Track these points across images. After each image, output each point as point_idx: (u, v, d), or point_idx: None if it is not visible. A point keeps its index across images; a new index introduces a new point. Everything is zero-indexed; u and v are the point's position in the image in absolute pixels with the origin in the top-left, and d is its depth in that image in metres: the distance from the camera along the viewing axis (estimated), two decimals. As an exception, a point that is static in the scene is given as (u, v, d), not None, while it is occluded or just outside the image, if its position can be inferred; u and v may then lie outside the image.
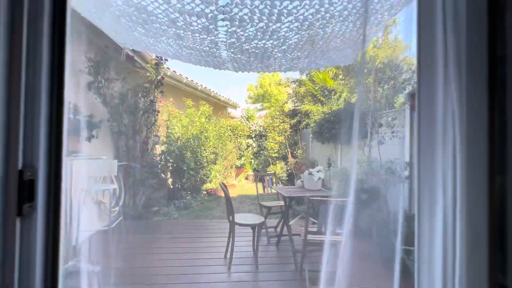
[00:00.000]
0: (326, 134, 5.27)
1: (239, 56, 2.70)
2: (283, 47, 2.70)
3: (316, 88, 7.72)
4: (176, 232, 4.04)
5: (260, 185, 4.26)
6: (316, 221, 3.36)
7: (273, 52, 2.71)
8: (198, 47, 2.92)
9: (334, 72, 7.48)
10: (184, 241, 3.69)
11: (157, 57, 4.14)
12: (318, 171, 3.27)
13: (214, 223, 4.52)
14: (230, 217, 2.95)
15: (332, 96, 7.27)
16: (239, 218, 3.05)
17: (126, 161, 4.49)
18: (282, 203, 3.84)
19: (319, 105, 7.58)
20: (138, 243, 3.53)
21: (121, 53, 3.74)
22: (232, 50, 2.72)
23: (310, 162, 6.17)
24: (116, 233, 3.65)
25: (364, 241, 3.23)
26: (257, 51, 2.68)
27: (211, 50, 2.80)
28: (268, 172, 8.41)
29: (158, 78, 4.41)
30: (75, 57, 3.27)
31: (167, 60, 4.23)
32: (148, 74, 4.54)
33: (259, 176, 4.25)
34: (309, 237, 2.41)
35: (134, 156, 4.56)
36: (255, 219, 3.06)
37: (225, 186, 3.07)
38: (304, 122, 7.47)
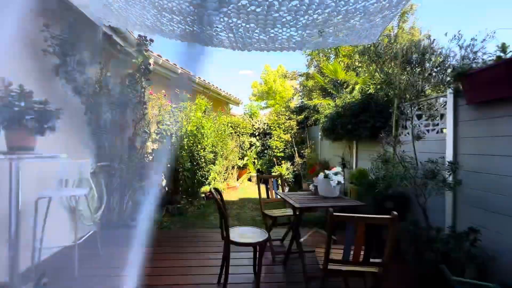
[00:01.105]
0: (340, 130, 4.57)
1: (235, 22, 2.04)
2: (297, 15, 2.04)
3: (326, 81, 7.02)
4: (164, 245, 3.40)
5: (263, 188, 3.58)
6: (335, 238, 2.68)
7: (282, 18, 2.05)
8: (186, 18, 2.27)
9: (346, 63, 6.78)
10: (173, 257, 3.05)
11: (140, 36, 3.50)
12: (336, 174, 2.58)
13: (210, 233, 3.87)
14: (225, 233, 2.29)
15: (344, 89, 6.56)
16: (236, 234, 2.38)
17: (107, 161, 3.87)
18: (290, 211, 3.17)
19: (330, 99, 6.87)
20: (114, 259, 2.90)
21: (97, 31, 3.11)
22: (229, 16, 2.06)
23: (321, 163, 5.48)
24: (87, 248, 3.02)
25: (401, 269, 2.53)
26: (259, 16, 2.01)
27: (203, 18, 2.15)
28: (272, 173, 7.72)
29: (144, 63, 3.76)
30: (32, 32, 2.64)
31: (152, 41, 3.58)
32: (134, 60, 3.91)
33: (263, 179, 3.58)
34: (331, 266, 1.73)
35: (118, 156, 3.94)
36: (257, 235, 2.39)
37: (219, 193, 2.41)
38: (313, 118, 6.77)
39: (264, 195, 3.69)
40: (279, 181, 3.85)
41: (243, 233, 2.43)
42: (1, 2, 2.26)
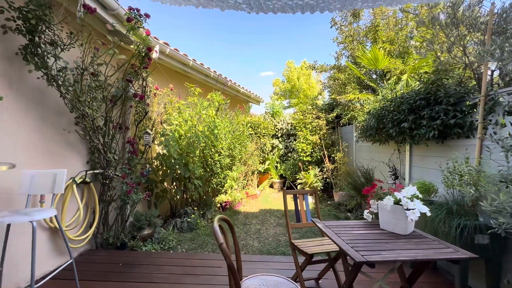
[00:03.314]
0: (390, 129, 3.52)
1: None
2: None
3: (363, 72, 5.94)
4: (165, 276, 2.62)
5: (289, 201, 2.66)
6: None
7: None
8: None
9: (387, 49, 5.65)
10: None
11: (132, 9, 2.74)
12: (412, 198, 1.61)
13: (222, 261, 3.03)
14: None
15: (386, 80, 5.44)
16: (253, 292, 1.51)
17: (100, 168, 3.19)
18: (330, 247, 2.23)
19: (369, 92, 5.78)
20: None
21: (78, 3, 2.41)
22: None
23: (363, 172, 4.44)
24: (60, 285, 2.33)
25: None
26: None
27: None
28: (298, 180, 6.75)
29: (144, 50, 3.03)
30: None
31: (148, 16, 2.82)
32: (132, 46, 3.21)
33: (293, 195, 2.66)
34: None
35: (114, 162, 3.25)
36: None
37: (227, 223, 1.56)
38: (348, 116, 5.71)
39: (291, 205, 2.78)
40: (313, 197, 2.91)
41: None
42: None
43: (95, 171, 3.18)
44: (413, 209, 1.53)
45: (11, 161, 2.13)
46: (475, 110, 2.62)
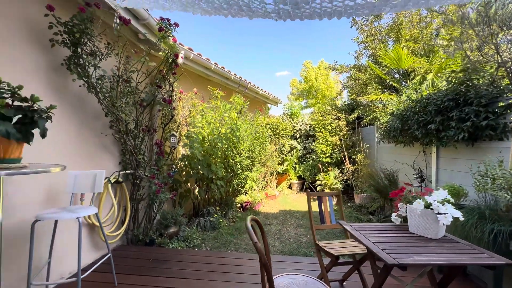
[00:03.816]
0: (416, 131, 3.44)
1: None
2: None
3: (385, 72, 5.82)
4: (194, 273, 2.75)
5: (313, 203, 2.68)
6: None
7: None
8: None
9: (411, 48, 5.50)
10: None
11: (162, 19, 2.91)
12: (444, 202, 1.60)
13: (246, 260, 3.12)
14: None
15: (410, 80, 5.29)
16: (284, 291, 1.57)
17: (132, 168, 3.39)
18: (355, 249, 2.25)
19: (391, 93, 5.66)
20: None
21: (113, 15, 2.60)
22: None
23: (386, 174, 4.36)
24: (100, 278, 2.52)
25: None
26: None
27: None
28: (317, 181, 6.72)
29: (171, 56, 3.19)
30: (39, 17, 2.20)
31: (177, 25, 2.97)
32: (160, 53, 3.38)
33: (316, 197, 2.70)
34: None
35: (144, 163, 3.44)
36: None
37: (257, 223, 1.64)
38: (370, 117, 5.61)
39: (314, 208, 2.80)
40: (335, 200, 2.93)
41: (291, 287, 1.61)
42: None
43: (126, 171, 3.38)
44: (444, 214, 1.52)
45: (57, 162, 2.34)
46: (509, 111, 2.52)
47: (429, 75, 4.74)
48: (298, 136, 8.17)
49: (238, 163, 4.93)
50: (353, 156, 6.40)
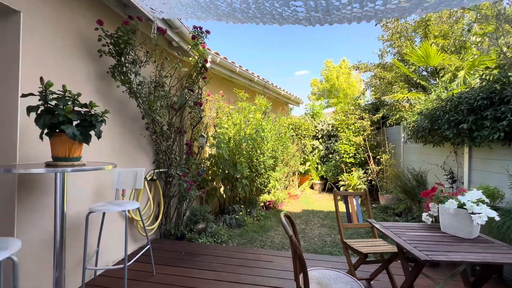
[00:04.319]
0: (447, 130, 3.35)
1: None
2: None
3: (411, 70, 5.66)
4: (220, 266, 2.90)
5: (340, 204, 2.72)
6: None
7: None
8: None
9: (440, 44, 5.31)
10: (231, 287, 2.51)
11: (196, 28, 3.11)
12: (478, 202, 1.60)
13: (272, 256, 3.22)
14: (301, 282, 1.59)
15: (439, 78, 5.11)
16: (314, 283, 1.66)
17: (165, 167, 3.63)
18: (383, 248, 2.27)
19: (419, 91, 5.50)
20: (167, 284, 2.51)
21: (151, 26, 2.83)
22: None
23: (414, 175, 4.26)
24: (140, 267, 2.75)
25: None
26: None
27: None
28: (340, 181, 6.67)
29: (201, 60, 3.38)
30: (87, 31, 2.46)
31: (208, 32, 3.16)
32: (190, 58, 3.59)
33: (342, 196, 2.75)
34: None
35: (175, 161, 3.67)
36: (344, 286, 1.61)
37: (289, 219, 1.74)
38: (396, 117, 5.49)
39: (341, 208, 2.84)
40: (362, 199, 2.95)
41: (325, 283, 1.69)
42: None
43: (160, 170, 3.62)
44: (479, 213, 1.52)
45: (102, 160, 2.60)
46: (550, 109, 2.41)
47: (461, 72, 4.56)
48: (320, 136, 8.14)
49: (262, 163, 5.05)
50: (378, 156, 6.28)
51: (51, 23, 2.12)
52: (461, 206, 1.62)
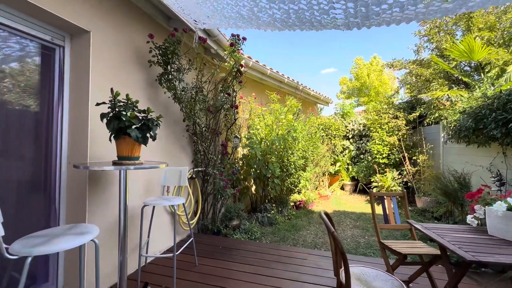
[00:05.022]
0: (493, 130, 3.16)
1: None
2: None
3: (452, 66, 5.34)
4: (258, 261, 3.05)
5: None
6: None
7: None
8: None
9: (485, 37, 4.95)
10: (265, 282, 2.64)
11: (233, 35, 3.30)
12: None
13: (306, 255, 3.29)
14: (343, 280, 1.68)
15: (485, 74, 4.77)
16: (354, 279, 1.73)
17: (203, 166, 3.88)
18: (423, 249, 2.25)
19: (461, 89, 5.18)
20: (208, 273, 2.72)
21: (193, 36, 3.07)
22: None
23: (456, 177, 4.04)
24: (184, 257, 3.00)
25: None
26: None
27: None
28: (373, 183, 6.49)
29: (236, 65, 3.57)
30: (139, 44, 2.76)
31: (245, 39, 3.33)
32: (226, 63, 3.80)
33: (376, 196, 2.75)
34: None
35: (212, 161, 3.91)
36: (383, 283, 1.66)
37: (327, 216, 1.83)
38: (434, 116, 5.23)
39: (378, 211, 2.83)
40: (400, 201, 2.90)
41: (364, 279, 1.75)
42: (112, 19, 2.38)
43: (198, 168, 3.88)
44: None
45: (152, 160, 2.88)
46: None
47: (510, 67, 4.23)
48: (350, 136, 7.97)
49: (293, 163, 5.13)
50: (414, 157, 6.01)
51: (112, 40, 2.43)
52: (510, 208, 1.58)
